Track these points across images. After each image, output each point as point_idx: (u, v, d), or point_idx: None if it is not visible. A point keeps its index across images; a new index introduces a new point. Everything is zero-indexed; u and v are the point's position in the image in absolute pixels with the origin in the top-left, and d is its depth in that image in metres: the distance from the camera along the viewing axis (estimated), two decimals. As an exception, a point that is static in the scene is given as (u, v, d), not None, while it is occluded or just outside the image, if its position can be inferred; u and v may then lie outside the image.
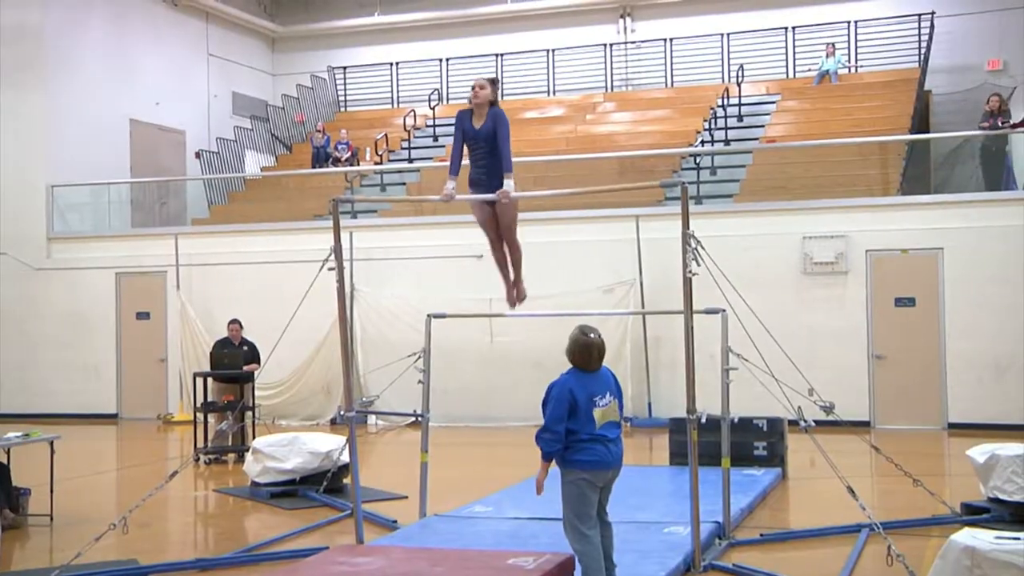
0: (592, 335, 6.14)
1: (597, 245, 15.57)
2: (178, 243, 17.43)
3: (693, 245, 7.10)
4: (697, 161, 17.08)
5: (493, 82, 7.44)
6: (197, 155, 21.00)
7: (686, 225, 7.13)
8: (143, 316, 17.96)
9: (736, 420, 8.29)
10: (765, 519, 8.97)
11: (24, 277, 18.21)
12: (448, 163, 7.69)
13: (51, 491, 9.28)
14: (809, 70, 20.43)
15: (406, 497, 9.69)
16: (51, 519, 9.18)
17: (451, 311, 9.67)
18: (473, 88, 7.37)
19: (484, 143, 7.31)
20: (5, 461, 9.28)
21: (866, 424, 14.40)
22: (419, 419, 8.84)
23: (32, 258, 18.21)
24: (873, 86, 19.58)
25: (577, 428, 6.03)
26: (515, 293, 8.12)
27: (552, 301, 14.44)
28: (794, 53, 20.81)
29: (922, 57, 19.36)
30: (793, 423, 8.64)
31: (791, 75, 20.81)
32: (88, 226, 18.85)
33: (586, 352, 6.13)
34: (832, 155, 16.76)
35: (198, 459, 12.38)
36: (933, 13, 19.44)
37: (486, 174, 7.41)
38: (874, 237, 14.74)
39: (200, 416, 12.96)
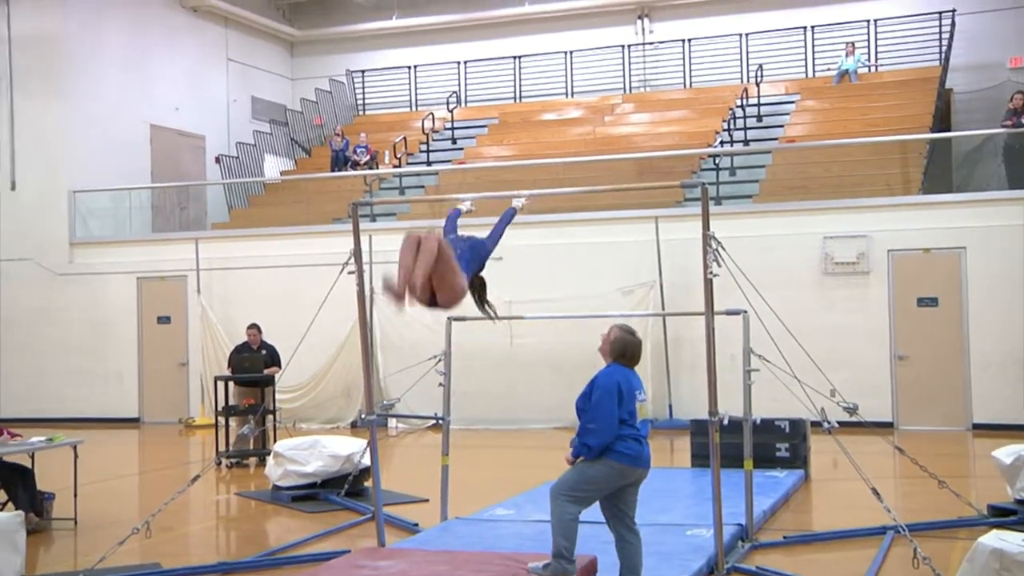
0: (635, 335, 6.34)
1: (616, 247, 15.53)
2: (198, 247, 17.50)
3: (714, 246, 7.06)
4: (716, 162, 17.02)
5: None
6: (217, 160, 21.10)
7: (706, 226, 7.08)
8: (164, 320, 18.05)
9: (758, 422, 8.27)
10: (788, 521, 8.92)
11: (47, 282, 18.33)
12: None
13: (75, 495, 9.32)
14: (828, 69, 20.33)
15: (427, 500, 9.69)
16: (75, 523, 9.23)
17: (470, 314, 9.66)
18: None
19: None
20: (30, 466, 9.34)
21: (889, 425, 14.31)
22: (439, 422, 8.83)
23: (55, 263, 18.32)
24: (893, 85, 19.46)
25: (623, 418, 6.05)
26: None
27: (571, 303, 14.46)
28: (813, 52, 20.72)
29: (943, 55, 19.23)
30: (816, 424, 8.60)
31: (810, 74, 20.71)
32: (109, 231, 18.96)
33: (633, 349, 6.29)
34: (852, 155, 16.67)
35: (220, 463, 12.42)
36: (954, 11, 19.31)
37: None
38: (896, 237, 14.65)
39: (221, 420, 12.99)
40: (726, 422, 7.22)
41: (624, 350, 6.26)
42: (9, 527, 6.69)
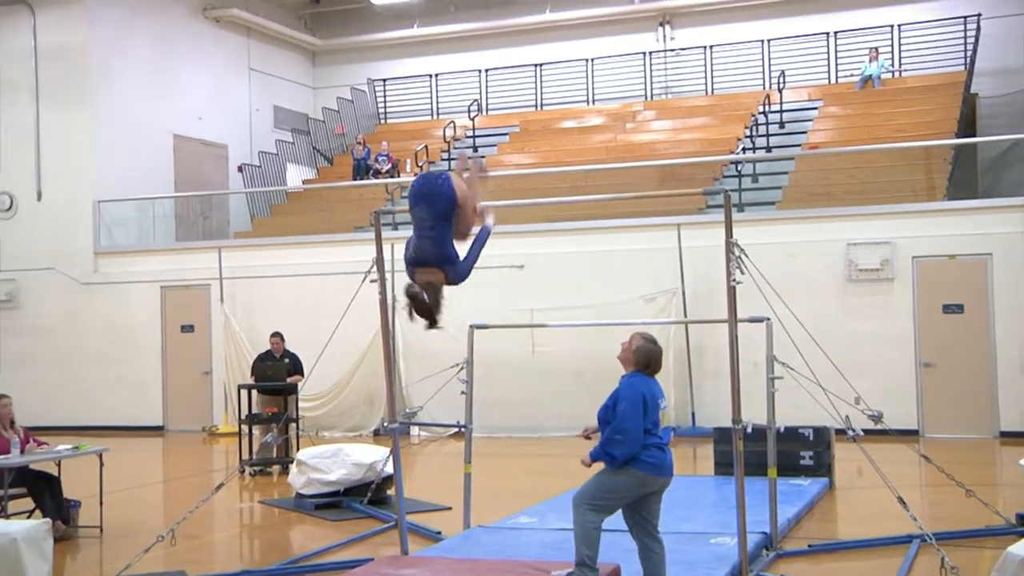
0: (657, 344, 6.35)
1: (638, 254, 15.51)
2: (221, 256, 17.60)
3: (737, 253, 7.04)
4: (739, 169, 16.98)
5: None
6: (239, 169, 21.23)
7: (729, 233, 7.06)
8: (188, 329, 18.15)
9: (782, 429, 8.22)
10: (813, 530, 8.88)
11: (72, 291, 18.49)
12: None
13: (100, 503, 9.39)
14: (852, 75, 20.25)
15: (450, 508, 9.70)
16: (101, 530, 9.30)
17: (493, 322, 9.66)
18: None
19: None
20: (56, 474, 9.41)
21: (914, 433, 14.22)
22: (462, 430, 8.84)
23: (79, 273, 18.48)
24: (918, 90, 19.37)
25: (647, 428, 6.06)
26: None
27: (593, 311, 14.44)
28: (836, 58, 20.65)
29: (968, 60, 19.11)
30: (840, 432, 8.55)
31: (833, 80, 20.64)
32: (134, 241, 19.10)
33: (657, 359, 6.30)
34: (876, 161, 16.60)
35: (243, 471, 12.48)
36: (979, 15, 19.20)
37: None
38: (920, 243, 14.58)
39: (244, 428, 13.05)
40: (750, 430, 7.20)
41: (648, 360, 6.26)
42: (37, 534, 6.76)
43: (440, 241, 5.72)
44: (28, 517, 8.52)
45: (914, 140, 16.69)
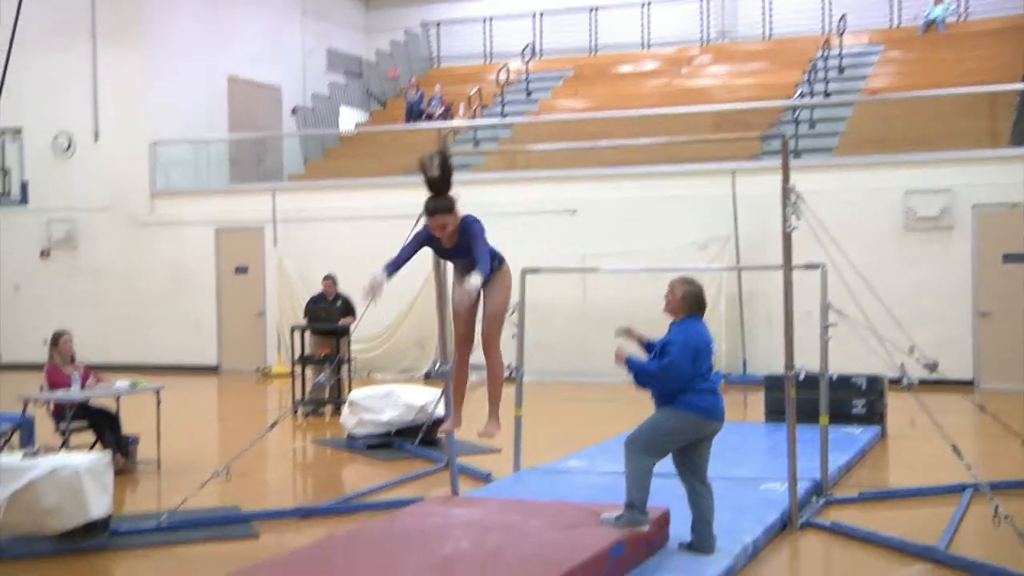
0: (696, 282, 6.33)
1: (692, 200, 15.41)
2: (275, 199, 17.74)
3: (793, 199, 6.98)
4: (796, 115, 16.73)
5: (449, 206, 5.87)
6: (293, 111, 21.31)
7: (786, 179, 7.01)
8: (242, 271, 18.38)
9: (834, 378, 8.19)
10: (864, 478, 8.85)
11: (129, 232, 18.76)
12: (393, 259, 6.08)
13: (158, 439, 9.61)
14: (915, 18, 19.78)
15: (500, 451, 9.78)
16: (158, 466, 9.53)
17: (545, 266, 9.66)
18: (431, 231, 5.97)
19: (463, 256, 6.00)
20: (115, 410, 9.63)
21: (970, 383, 14.07)
22: (513, 374, 8.88)
23: (136, 213, 18.73)
24: (983, 34, 18.88)
25: (701, 373, 6.08)
26: (488, 427, 6.68)
27: (646, 257, 14.36)
28: (899, 1, 20.15)
29: (1036, 2, 18.60)
30: (893, 381, 8.49)
31: (895, 24, 20.17)
32: (189, 182, 19.29)
33: (703, 298, 6.29)
34: (938, 107, 16.25)
35: (296, 411, 12.67)
36: (1048, -44, 18.65)
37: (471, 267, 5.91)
38: (981, 191, 14.30)
39: (298, 369, 13.23)
40: (802, 377, 7.18)
41: (697, 302, 6.26)
42: (98, 467, 6.94)
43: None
44: (90, 451, 8.72)
45: (978, 85, 16.29)
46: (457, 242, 5.97)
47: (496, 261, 6.08)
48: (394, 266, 5.94)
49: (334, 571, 5.50)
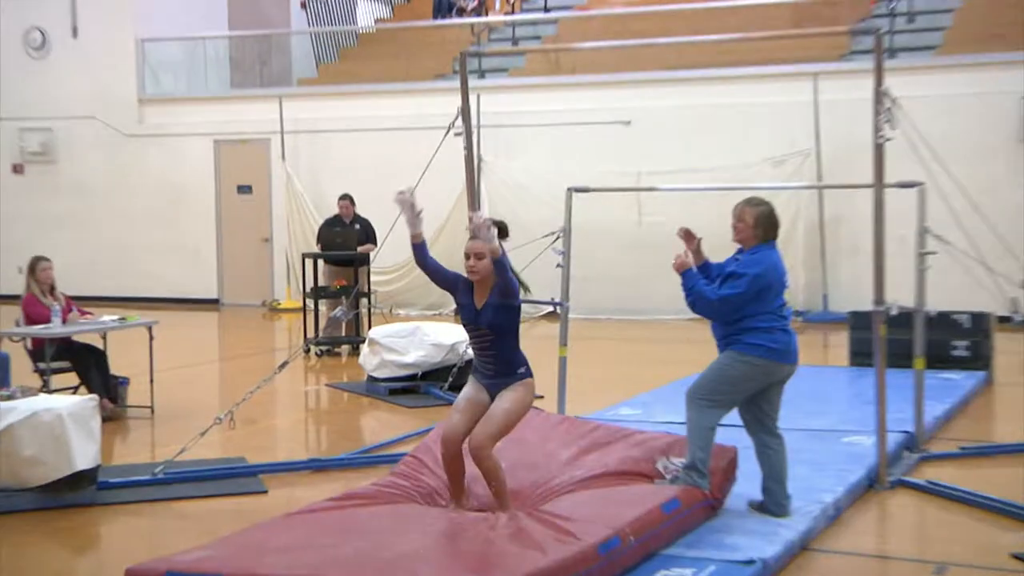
0: (766, 201, 6.29)
1: (766, 108, 15.29)
2: (283, 107, 17.71)
3: (887, 105, 6.88)
4: (891, 7, 16.45)
5: (492, 243, 6.00)
6: (303, 5, 21.18)
7: (879, 82, 6.91)
8: (245, 190, 18.44)
9: (933, 314, 8.13)
10: (965, 430, 8.83)
11: (114, 144, 18.83)
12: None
13: (151, 381, 9.71)
14: None
15: (542, 397, 9.80)
16: (151, 411, 9.64)
17: (593, 185, 9.63)
18: (468, 258, 6.07)
19: (488, 331, 6.07)
20: (102, 347, 9.75)
21: (1091, 323, 13.93)
22: (557, 309, 8.89)
23: (122, 123, 18.78)
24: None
25: (771, 309, 6.06)
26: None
27: (712, 175, 14.28)
28: None
29: None
30: (1003, 319, 8.42)
31: None
32: (183, 87, 19.30)
33: (776, 219, 6.23)
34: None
35: (308, 350, 12.76)
36: None
37: (493, 370, 6.19)
38: (1113, 97, 14.07)
39: (310, 303, 13.31)
40: (894, 313, 7.12)
41: (773, 223, 6.21)
42: (84, 412, 6.99)
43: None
44: (74, 394, 8.85)
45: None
46: (488, 302, 6.05)
47: (522, 367, 6.18)
48: (424, 246, 6.24)
49: (361, 526, 5.53)
